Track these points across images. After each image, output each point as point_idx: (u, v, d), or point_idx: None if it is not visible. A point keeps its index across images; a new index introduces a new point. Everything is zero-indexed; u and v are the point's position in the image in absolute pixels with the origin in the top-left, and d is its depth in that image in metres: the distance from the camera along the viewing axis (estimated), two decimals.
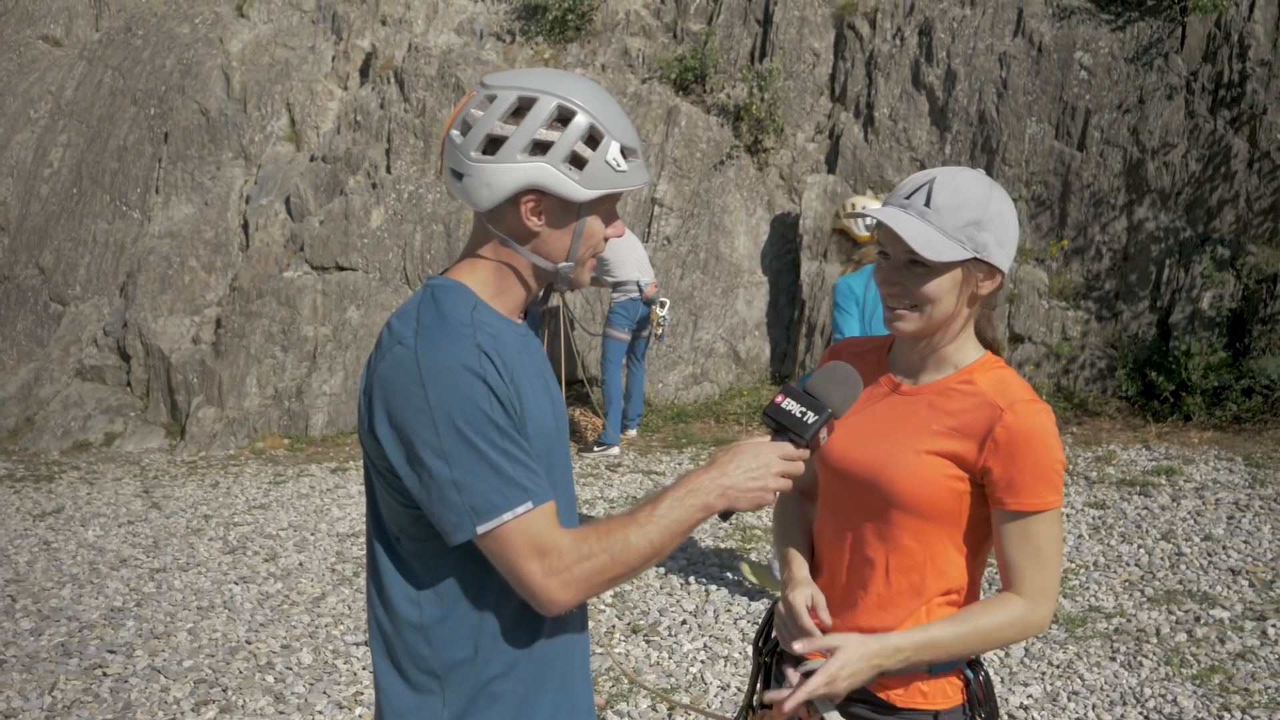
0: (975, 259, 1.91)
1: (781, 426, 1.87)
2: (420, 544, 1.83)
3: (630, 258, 8.57)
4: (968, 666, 2.05)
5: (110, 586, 6.36)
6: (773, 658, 2.21)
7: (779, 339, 9.93)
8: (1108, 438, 8.21)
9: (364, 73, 11.56)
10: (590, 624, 5.42)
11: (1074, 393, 8.94)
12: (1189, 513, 6.52)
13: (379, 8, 11.72)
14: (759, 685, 2.24)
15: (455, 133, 1.82)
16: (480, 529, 1.72)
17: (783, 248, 10.11)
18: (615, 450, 8.75)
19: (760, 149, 10.32)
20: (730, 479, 1.81)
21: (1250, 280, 8.64)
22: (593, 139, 1.80)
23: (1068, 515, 6.62)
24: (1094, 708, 4.40)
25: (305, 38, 11.91)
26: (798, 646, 1.97)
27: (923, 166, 9.93)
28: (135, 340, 10.65)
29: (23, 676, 5.11)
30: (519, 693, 1.87)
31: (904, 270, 1.93)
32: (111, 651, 5.41)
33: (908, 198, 1.94)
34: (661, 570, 6.12)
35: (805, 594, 2.03)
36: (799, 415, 1.86)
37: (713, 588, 5.86)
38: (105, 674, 5.15)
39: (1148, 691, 4.49)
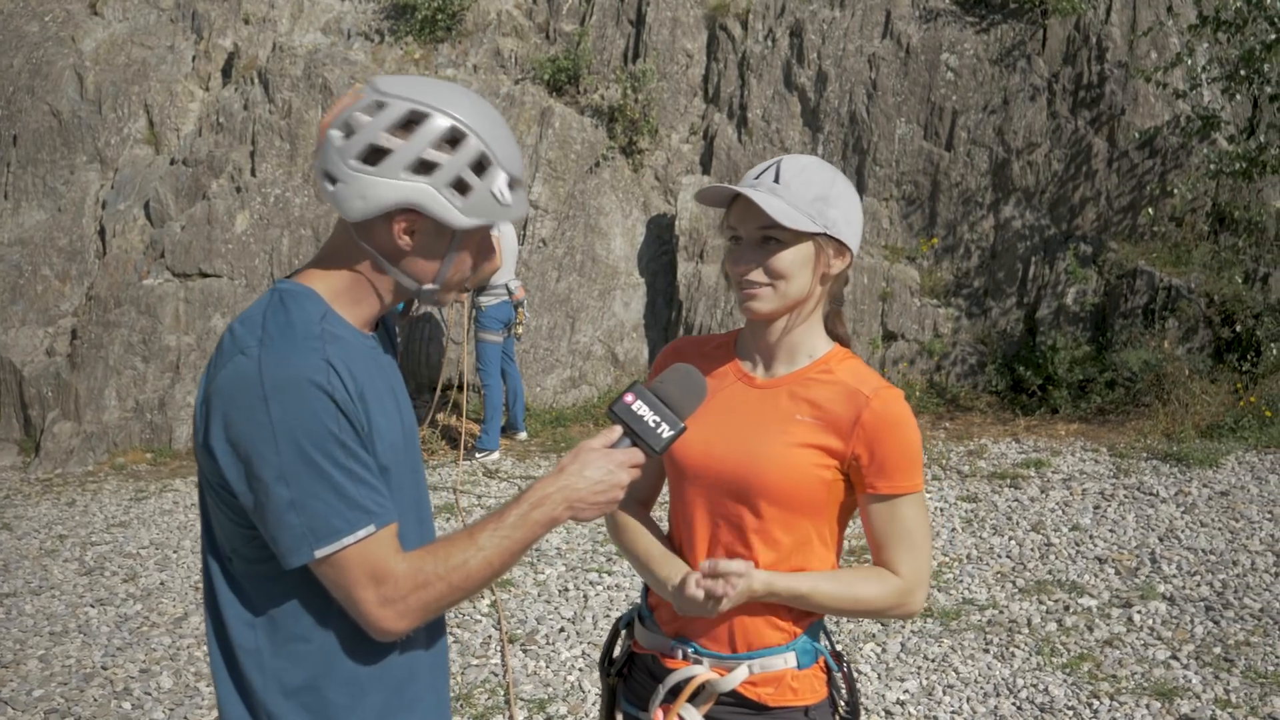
0: (826, 236, 1.95)
1: (632, 431, 1.82)
2: (255, 565, 1.72)
3: (509, 262, 8.48)
4: (831, 658, 2.06)
5: None
6: (620, 677, 2.18)
7: (657, 340, 9.90)
8: (979, 432, 8.36)
9: (226, 73, 11.18)
10: (466, 634, 5.30)
11: (946, 388, 9.09)
12: (1057, 503, 6.66)
13: (241, 6, 11.34)
14: (612, 707, 2.21)
15: (336, 134, 1.69)
16: (318, 553, 1.63)
17: (659, 249, 10.08)
18: (495, 455, 8.62)
19: (635, 150, 10.28)
20: (577, 491, 1.76)
21: (1111, 276, 8.90)
22: (481, 166, 1.71)
23: (941, 509, 6.71)
24: (968, 700, 4.43)
25: (164, 36, 11.47)
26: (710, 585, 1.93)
27: None
28: None
29: None
30: None
31: (758, 248, 1.95)
32: None
33: (756, 178, 1.97)
34: (540, 578, 6.01)
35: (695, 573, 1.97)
36: (653, 425, 1.82)
37: (591, 593, 5.77)
38: None
39: (1020, 682, 4.54)
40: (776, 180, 1.94)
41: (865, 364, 2.05)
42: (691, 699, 2.00)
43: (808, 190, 1.93)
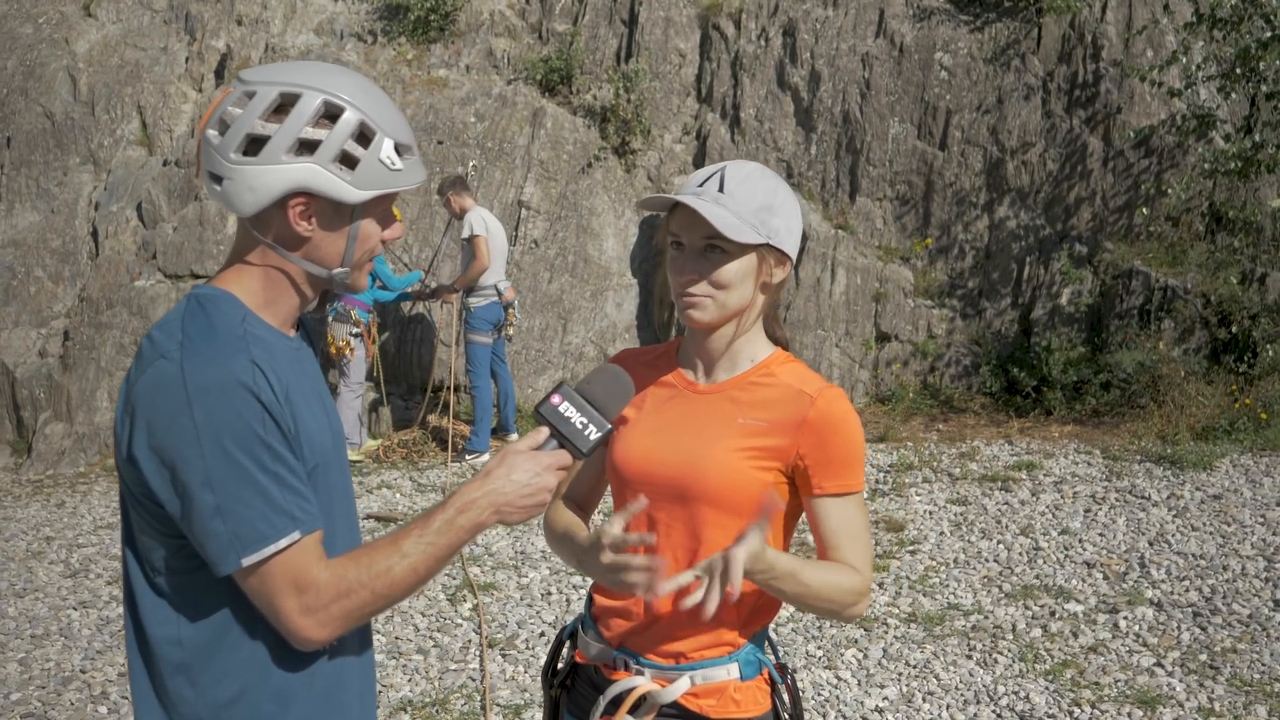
0: (767, 245, 1.94)
1: (559, 433, 1.79)
2: (183, 576, 1.68)
3: (498, 262, 8.46)
4: (775, 669, 2.03)
5: None
6: (564, 689, 2.15)
7: (649, 342, 9.84)
8: (972, 434, 8.30)
9: (219, 74, 11.14)
10: (446, 639, 5.25)
11: (940, 390, 9.03)
12: (1048, 507, 6.59)
13: (234, 7, 11.31)
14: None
15: (212, 133, 1.68)
16: (245, 560, 1.59)
17: (651, 250, 10.03)
18: (485, 456, 8.57)
19: (627, 150, 10.22)
20: (504, 495, 1.73)
21: (1107, 276, 8.83)
22: (364, 136, 1.69)
23: (930, 513, 6.65)
24: (948, 708, 4.37)
25: (157, 38, 11.44)
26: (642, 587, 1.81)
27: (789, 167, 9.95)
28: None
29: None
30: None
31: (701, 257, 1.93)
32: None
33: (700, 186, 1.94)
34: (523, 581, 5.97)
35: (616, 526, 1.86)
36: (580, 427, 1.79)
37: (574, 598, 5.72)
38: None
39: (1001, 689, 4.48)
40: (721, 189, 1.92)
41: (807, 366, 2.05)
42: (633, 711, 1.98)
43: (752, 200, 1.92)
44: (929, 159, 9.54)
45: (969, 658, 4.79)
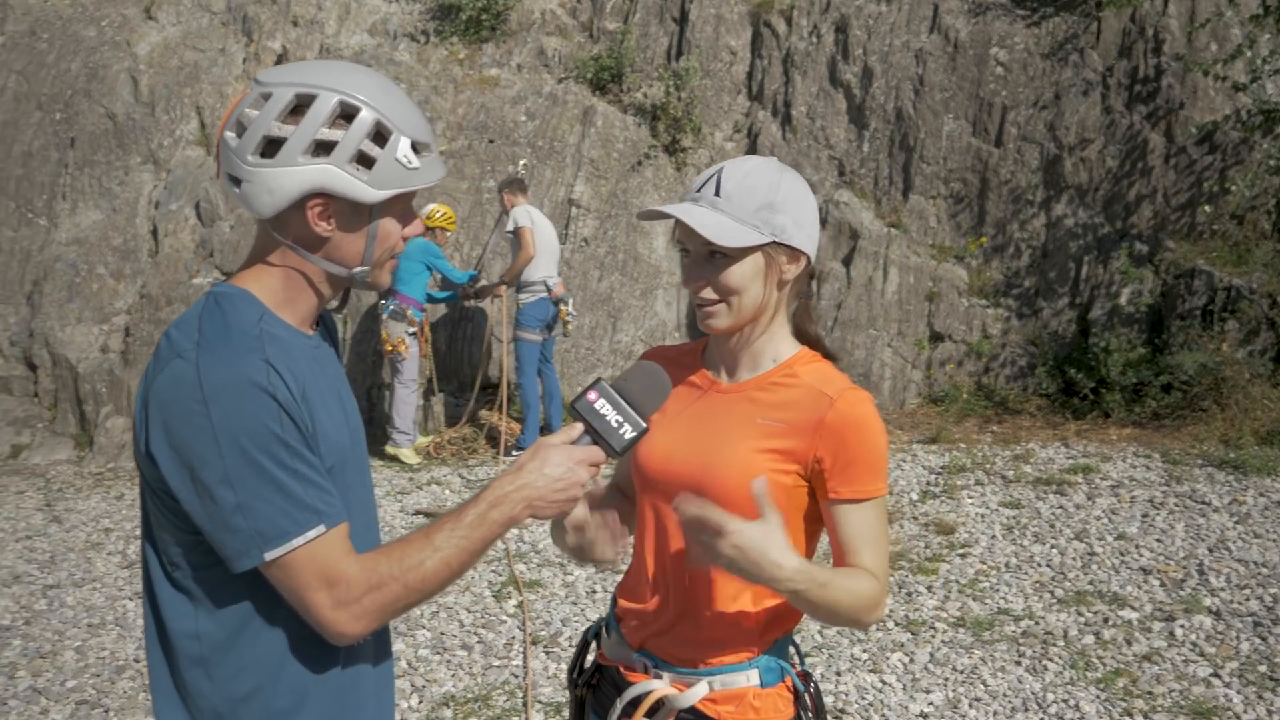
0: (775, 243, 1.88)
1: (593, 430, 1.78)
2: (201, 571, 1.69)
3: (546, 258, 8.45)
4: (798, 678, 1.99)
5: None
6: (589, 689, 2.13)
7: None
8: (1027, 436, 8.16)
9: None
10: (490, 635, 5.26)
11: (995, 391, 8.89)
12: (1103, 511, 6.46)
13: (290, 8, 11.44)
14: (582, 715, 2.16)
15: (230, 135, 1.68)
16: (268, 555, 1.60)
17: None
18: None
19: (678, 148, 10.19)
20: (536, 489, 1.73)
21: (1168, 276, 8.64)
22: (380, 136, 1.68)
23: (982, 516, 6.54)
24: (995, 715, 4.29)
25: (215, 39, 11.60)
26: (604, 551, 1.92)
27: (841, 165, 9.86)
28: (42, 350, 10.31)
29: None
30: None
31: (706, 264, 1.89)
32: None
33: (698, 191, 1.91)
34: (569, 579, 5.96)
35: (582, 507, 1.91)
36: (615, 425, 1.78)
37: None
38: None
39: (1050, 697, 4.39)
40: (717, 193, 1.87)
41: (833, 367, 1.99)
42: (651, 714, 1.95)
43: (751, 199, 1.86)
44: (984, 156, 9.40)
45: (1018, 664, 4.70)
